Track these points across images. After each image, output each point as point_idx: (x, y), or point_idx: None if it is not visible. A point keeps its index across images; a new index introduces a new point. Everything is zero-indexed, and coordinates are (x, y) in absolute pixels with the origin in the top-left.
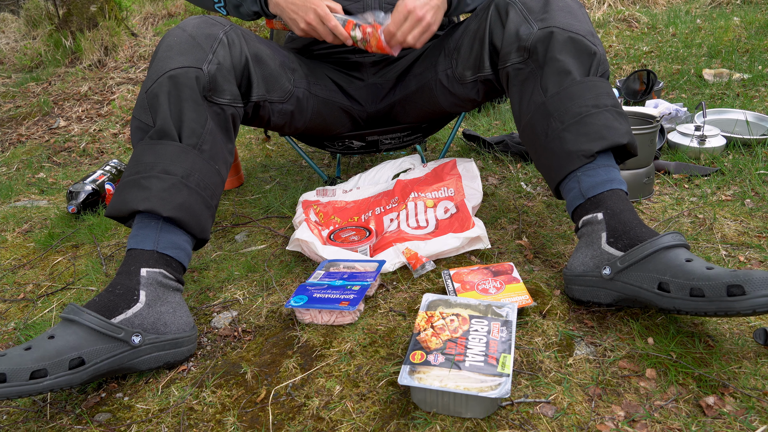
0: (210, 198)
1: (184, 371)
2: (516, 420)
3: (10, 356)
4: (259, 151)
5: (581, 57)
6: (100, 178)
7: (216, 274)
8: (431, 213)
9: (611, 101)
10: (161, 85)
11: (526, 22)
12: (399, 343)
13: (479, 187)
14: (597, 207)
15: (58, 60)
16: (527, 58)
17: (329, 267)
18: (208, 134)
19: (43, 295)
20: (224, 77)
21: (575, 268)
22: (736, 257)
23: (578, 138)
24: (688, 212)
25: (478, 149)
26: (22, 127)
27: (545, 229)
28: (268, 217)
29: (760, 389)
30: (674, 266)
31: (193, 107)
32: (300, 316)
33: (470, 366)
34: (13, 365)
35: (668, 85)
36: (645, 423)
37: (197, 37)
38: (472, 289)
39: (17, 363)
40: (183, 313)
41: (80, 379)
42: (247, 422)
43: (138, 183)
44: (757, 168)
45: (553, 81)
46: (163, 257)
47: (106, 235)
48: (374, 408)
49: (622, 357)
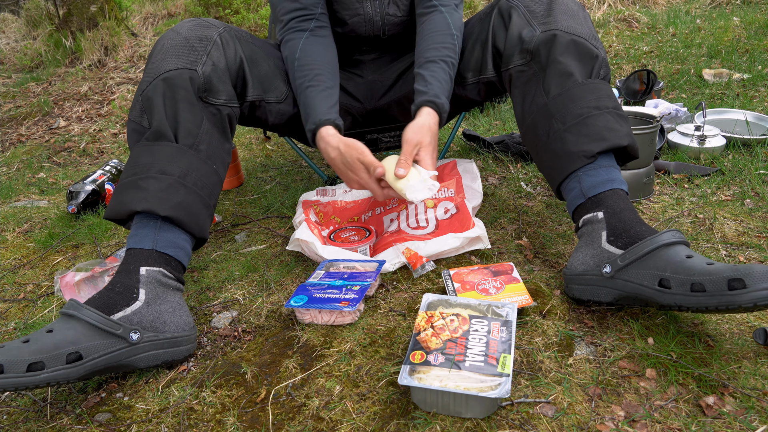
0: (208, 197)
1: (184, 371)
2: (516, 420)
3: (8, 348)
4: (259, 151)
5: (583, 60)
6: (100, 178)
7: (216, 274)
8: (431, 213)
9: (612, 103)
10: (156, 87)
11: (528, 25)
12: (399, 343)
13: (479, 187)
14: (597, 206)
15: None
16: (530, 60)
17: (329, 267)
18: (204, 134)
19: (43, 295)
20: (219, 78)
21: (575, 267)
22: (736, 257)
23: (579, 139)
24: (688, 212)
25: (478, 149)
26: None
27: (545, 229)
28: (268, 217)
29: (759, 389)
30: (675, 263)
31: (188, 108)
32: (300, 316)
33: (470, 366)
34: (10, 357)
35: (668, 85)
36: (645, 423)
37: (191, 39)
38: (472, 289)
39: (15, 355)
40: (182, 313)
41: (77, 374)
42: (247, 422)
43: (135, 184)
44: (756, 168)
45: (556, 83)
46: (162, 256)
47: (106, 235)
48: (374, 408)
49: (622, 357)
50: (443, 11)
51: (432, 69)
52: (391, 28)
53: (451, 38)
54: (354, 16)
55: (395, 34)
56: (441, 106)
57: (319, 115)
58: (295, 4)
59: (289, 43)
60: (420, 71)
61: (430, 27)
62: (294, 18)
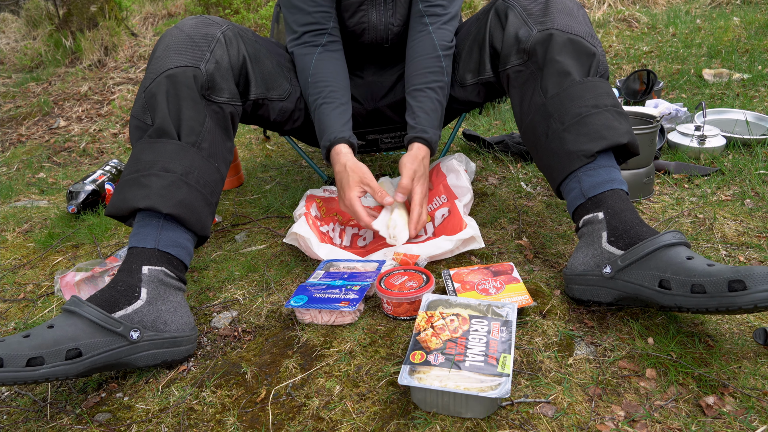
0: (210, 195)
1: (184, 371)
2: (516, 420)
3: (9, 342)
4: (259, 151)
5: (580, 58)
6: (100, 178)
7: (216, 274)
8: (429, 225)
9: (611, 101)
10: (159, 84)
11: (525, 24)
12: (399, 343)
13: (466, 182)
14: (598, 207)
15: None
16: (527, 60)
17: (329, 267)
18: (206, 132)
19: (43, 295)
20: (222, 76)
21: (576, 268)
22: (736, 257)
23: (578, 138)
24: (688, 212)
25: (478, 149)
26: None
27: (545, 229)
28: (268, 217)
29: (759, 389)
30: (675, 264)
31: (191, 106)
32: (300, 316)
33: (470, 366)
34: (10, 351)
35: (668, 85)
36: (645, 423)
37: (195, 36)
38: (472, 289)
39: (15, 349)
40: (184, 313)
41: (76, 370)
42: (247, 422)
43: (138, 181)
44: (756, 168)
45: (553, 82)
46: (164, 255)
47: (106, 235)
48: (374, 408)
49: (622, 357)
50: (431, 31)
51: (420, 99)
52: (393, 37)
53: (437, 60)
54: (359, 24)
55: (396, 42)
56: (428, 140)
57: (334, 133)
58: (308, 18)
59: (304, 58)
60: (409, 100)
61: (417, 50)
62: (307, 32)
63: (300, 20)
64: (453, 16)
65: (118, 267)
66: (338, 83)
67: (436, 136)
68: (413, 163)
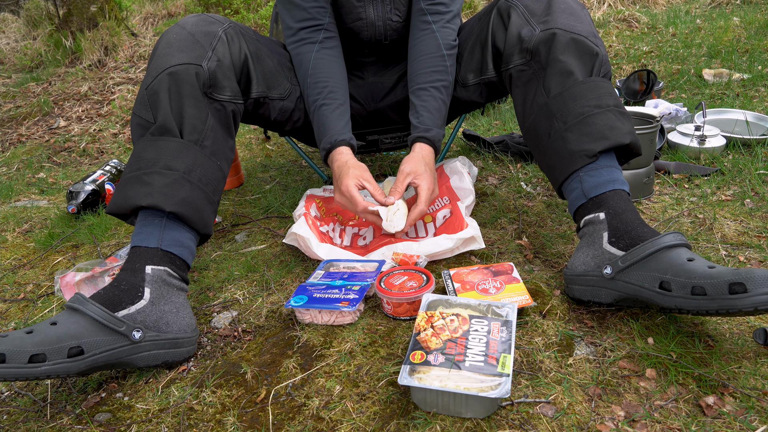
0: (212, 193)
1: (184, 371)
2: (516, 420)
3: (11, 338)
4: (259, 151)
5: (583, 58)
6: (100, 178)
7: (216, 274)
8: (431, 225)
9: (614, 101)
10: (161, 81)
11: (528, 24)
12: (399, 343)
13: (469, 184)
14: (599, 207)
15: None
16: (530, 59)
17: (329, 267)
18: (209, 130)
19: (43, 295)
20: (224, 74)
21: (576, 268)
22: (736, 257)
23: (581, 138)
24: (688, 212)
25: (478, 149)
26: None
27: (545, 229)
28: (268, 217)
29: (759, 389)
30: (676, 265)
31: (193, 103)
32: (300, 316)
33: (470, 366)
34: (13, 347)
35: (668, 85)
36: (645, 423)
37: (196, 34)
38: (472, 289)
39: (17, 345)
40: (186, 314)
41: (77, 369)
42: (247, 422)
43: (140, 179)
44: (756, 168)
45: (556, 82)
46: (167, 255)
47: (106, 235)
48: (374, 408)
49: (622, 357)
50: (434, 30)
51: (424, 98)
52: (392, 33)
53: (441, 60)
54: (356, 20)
55: (396, 39)
56: (432, 139)
57: (334, 135)
58: (304, 13)
59: (301, 57)
60: (412, 99)
61: (421, 49)
62: (303, 28)
63: (296, 16)
64: (455, 14)
65: (119, 266)
66: (337, 82)
67: (439, 135)
68: (410, 163)
